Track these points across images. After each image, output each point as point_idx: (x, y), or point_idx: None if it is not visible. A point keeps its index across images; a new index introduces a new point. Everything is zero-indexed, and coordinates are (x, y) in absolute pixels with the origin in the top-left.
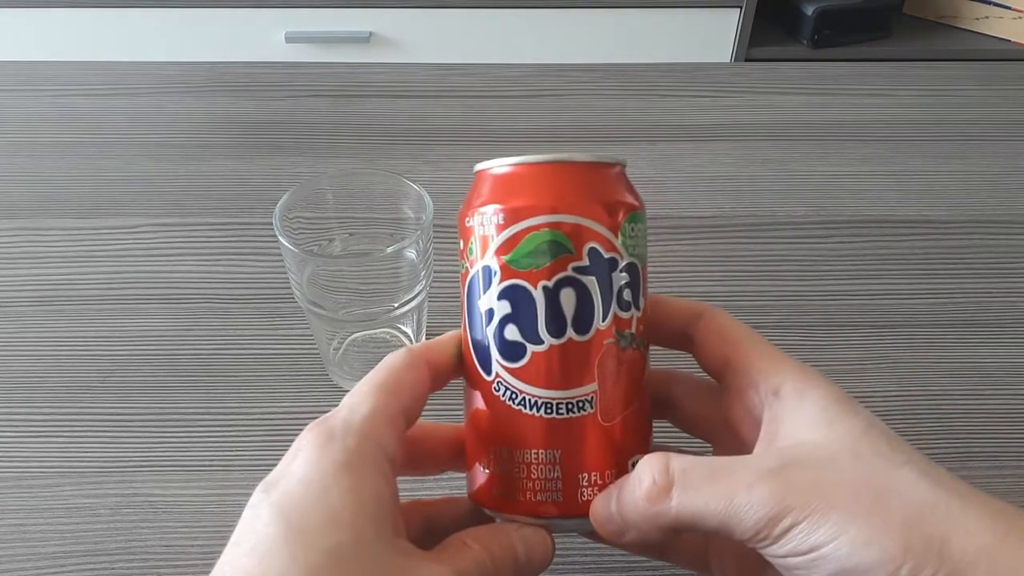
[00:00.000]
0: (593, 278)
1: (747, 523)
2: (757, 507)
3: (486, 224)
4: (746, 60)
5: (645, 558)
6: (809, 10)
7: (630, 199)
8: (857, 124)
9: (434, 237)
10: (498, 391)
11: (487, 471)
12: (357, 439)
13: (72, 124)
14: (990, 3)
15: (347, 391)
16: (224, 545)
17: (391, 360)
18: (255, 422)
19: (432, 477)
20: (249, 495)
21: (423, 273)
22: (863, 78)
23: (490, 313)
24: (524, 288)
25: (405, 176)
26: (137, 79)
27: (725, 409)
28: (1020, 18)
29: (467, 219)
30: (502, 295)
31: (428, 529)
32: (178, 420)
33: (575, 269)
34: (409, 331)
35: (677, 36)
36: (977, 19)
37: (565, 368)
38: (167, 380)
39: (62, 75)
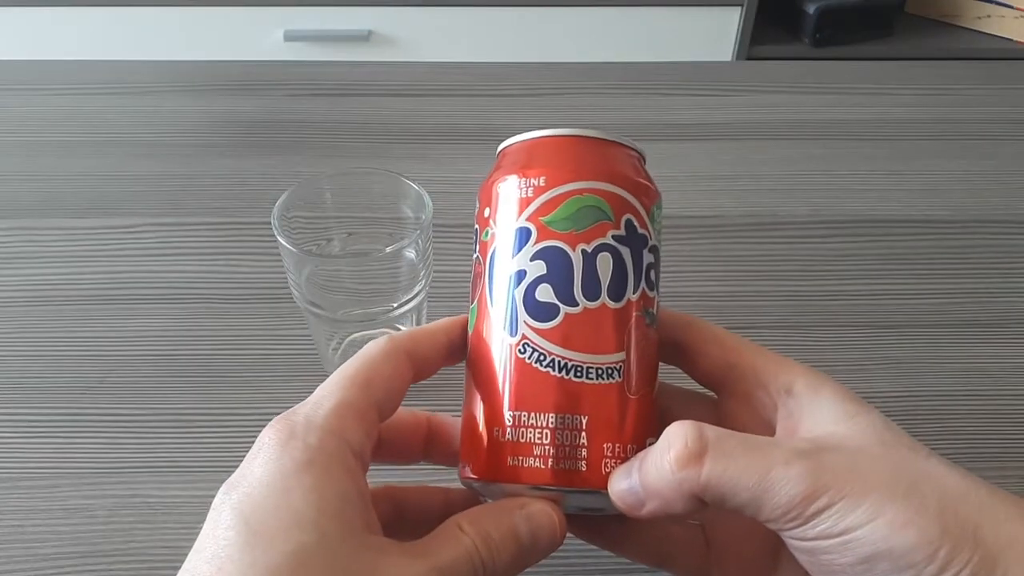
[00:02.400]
0: (628, 249)
1: (780, 499)
2: (793, 484)
3: (524, 187)
4: (748, 59)
5: (645, 566)
6: (811, 9)
7: (655, 187)
8: (859, 123)
9: (433, 237)
10: (523, 352)
11: (498, 439)
12: (319, 435)
13: (71, 123)
14: (992, 2)
15: None
16: None
17: (368, 350)
18: (254, 423)
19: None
20: None
21: (422, 273)
22: (865, 77)
23: (520, 274)
24: (561, 249)
25: (404, 175)
26: (136, 78)
27: (728, 415)
28: (1022, 17)
29: (498, 183)
30: (537, 256)
31: (399, 515)
32: (177, 421)
33: (614, 237)
34: None
35: (678, 35)
36: (979, 18)
37: (598, 332)
38: (165, 380)
39: (61, 74)
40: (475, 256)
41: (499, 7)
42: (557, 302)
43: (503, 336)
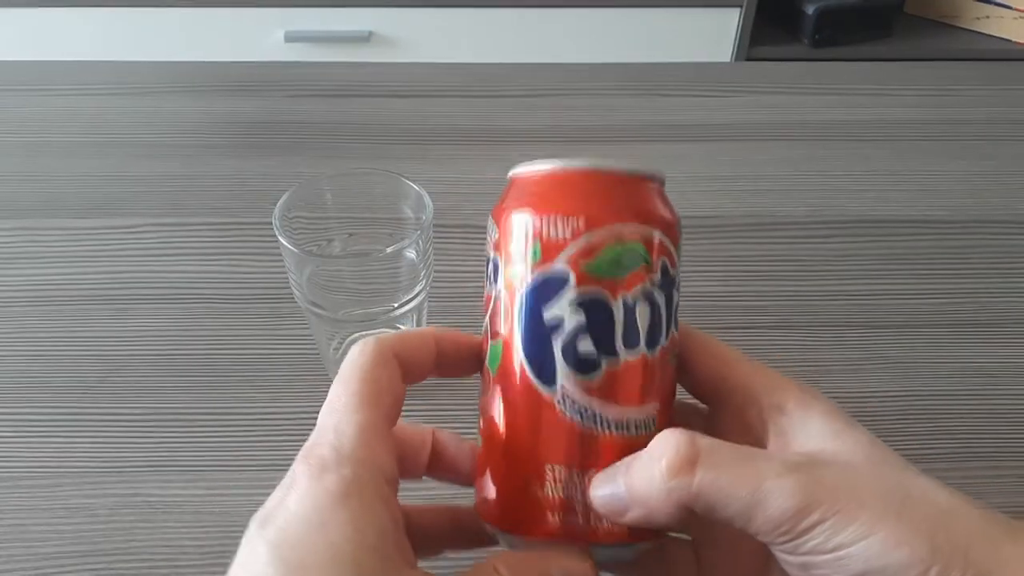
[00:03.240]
0: (663, 294)
1: (772, 512)
2: (786, 497)
3: (560, 227)
4: (747, 59)
5: None
6: (810, 9)
7: (678, 215)
8: (858, 124)
9: (434, 237)
10: (562, 406)
11: (534, 494)
12: (351, 466)
13: (71, 124)
14: (991, 3)
15: None
16: (222, 547)
17: (360, 360)
18: (255, 422)
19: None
20: (249, 495)
21: (423, 273)
22: (864, 78)
23: (558, 322)
24: (603, 298)
25: (404, 175)
26: (136, 79)
27: (718, 429)
28: (1021, 18)
29: (528, 218)
30: (576, 304)
31: (409, 533)
32: (177, 420)
33: (652, 283)
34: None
35: (678, 36)
36: (978, 19)
37: (636, 384)
38: (166, 380)
39: (62, 75)
40: (496, 289)
41: (499, 7)
42: (598, 354)
43: (538, 387)
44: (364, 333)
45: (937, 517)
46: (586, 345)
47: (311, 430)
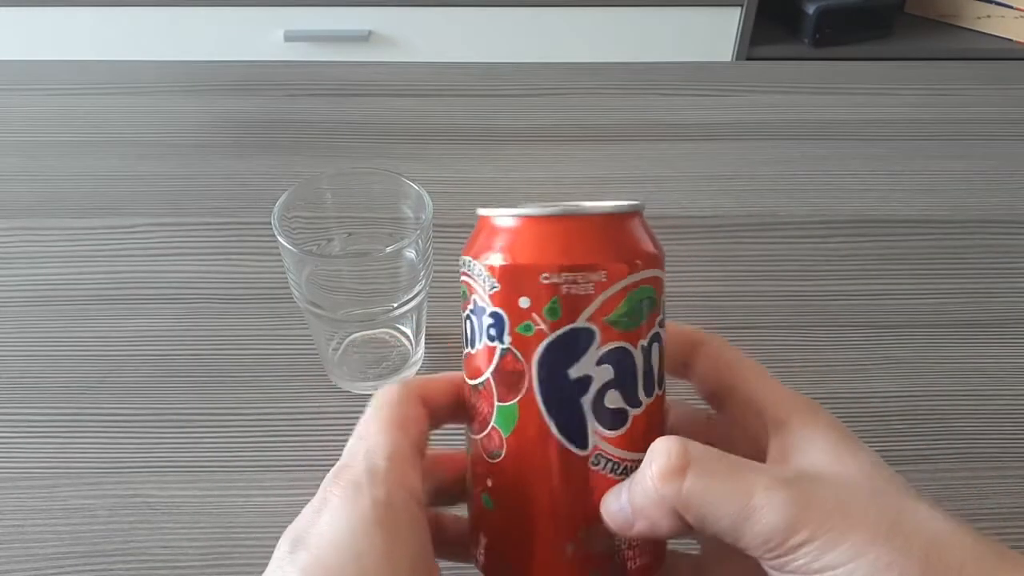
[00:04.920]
0: (663, 328)
1: (760, 527)
2: (775, 511)
3: (580, 282)
4: (747, 59)
5: None
6: (810, 9)
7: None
8: (858, 123)
9: (433, 237)
10: (597, 464)
11: (571, 554)
12: (386, 489)
13: (71, 123)
14: (992, 2)
15: (346, 391)
16: (221, 547)
17: (387, 397)
18: (254, 423)
19: None
20: (248, 496)
21: (422, 273)
22: (864, 77)
23: (586, 380)
24: (627, 350)
25: (404, 175)
26: (136, 79)
27: (722, 436)
28: (1021, 17)
29: (536, 272)
30: (603, 360)
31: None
32: (176, 421)
33: (659, 324)
34: (408, 331)
35: (678, 35)
36: (979, 18)
37: (656, 426)
38: (165, 380)
39: (61, 74)
40: (500, 347)
41: (499, 7)
42: (625, 406)
43: (569, 448)
44: (363, 333)
45: (932, 541)
46: (614, 399)
47: (310, 431)
